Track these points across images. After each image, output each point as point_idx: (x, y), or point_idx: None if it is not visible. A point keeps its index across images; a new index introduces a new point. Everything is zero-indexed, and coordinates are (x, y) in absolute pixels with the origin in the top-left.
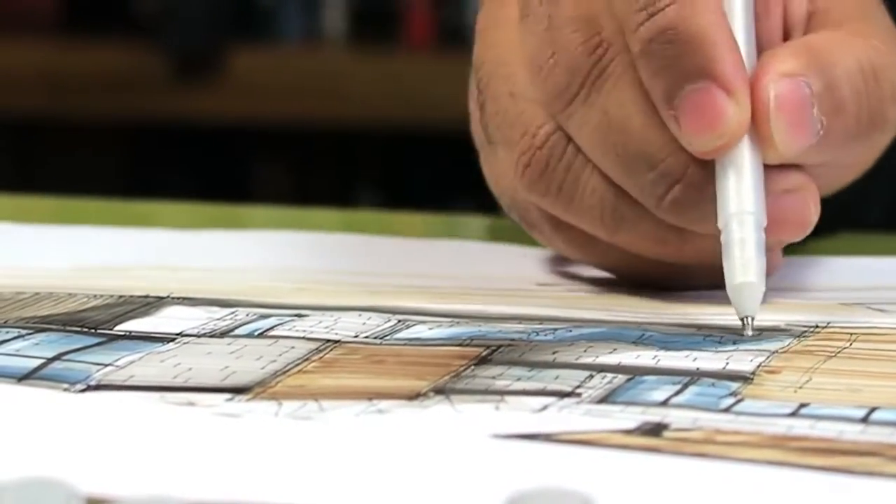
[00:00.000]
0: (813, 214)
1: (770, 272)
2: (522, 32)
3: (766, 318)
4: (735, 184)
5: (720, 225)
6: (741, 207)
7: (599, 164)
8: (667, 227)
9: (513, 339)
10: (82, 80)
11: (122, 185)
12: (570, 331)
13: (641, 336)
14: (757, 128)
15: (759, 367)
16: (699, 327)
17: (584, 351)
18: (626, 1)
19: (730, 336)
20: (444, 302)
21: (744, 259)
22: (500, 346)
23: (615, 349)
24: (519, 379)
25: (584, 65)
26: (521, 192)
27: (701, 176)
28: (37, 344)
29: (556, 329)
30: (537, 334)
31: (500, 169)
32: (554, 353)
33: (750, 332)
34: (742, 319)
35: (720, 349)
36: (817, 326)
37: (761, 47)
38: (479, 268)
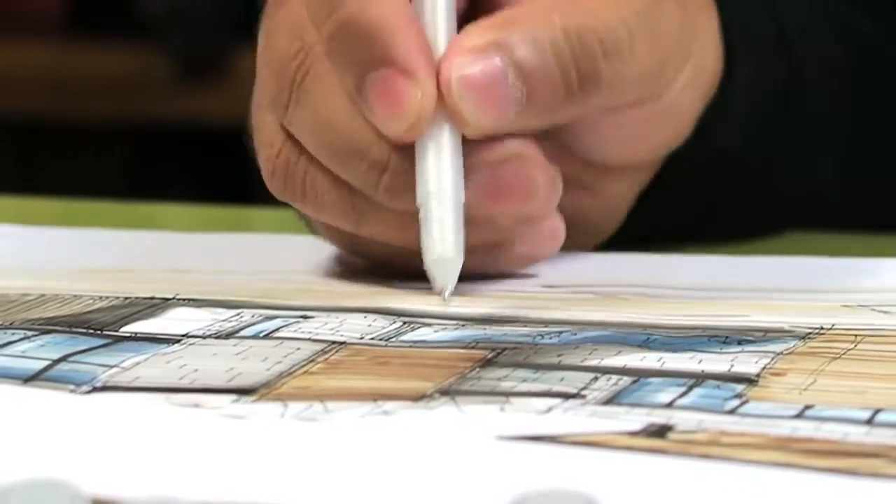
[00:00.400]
0: (537, 178)
1: (549, 250)
2: (260, 44)
3: (770, 319)
4: (431, 163)
5: (418, 203)
6: (437, 186)
7: (324, 163)
8: (402, 213)
9: (518, 343)
10: (87, 82)
11: (126, 186)
12: (575, 334)
13: (646, 340)
14: (449, 107)
15: (763, 368)
16: (704, 328)
17: (589, 354)
18: (313, 2)
19: (735, 337)
20: (448, 304)
21: (441, 235)
22: (505, 349)
23: (620, 352)
24: (524, 380)
25: (290, 69)
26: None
27: (404, 160)
28: (42, 345)
29: (560, 332)
30: (542, 337)
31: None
32: (559, 355)
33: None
34: (440, 293)
35: (725, 350)
36: (822, 328)
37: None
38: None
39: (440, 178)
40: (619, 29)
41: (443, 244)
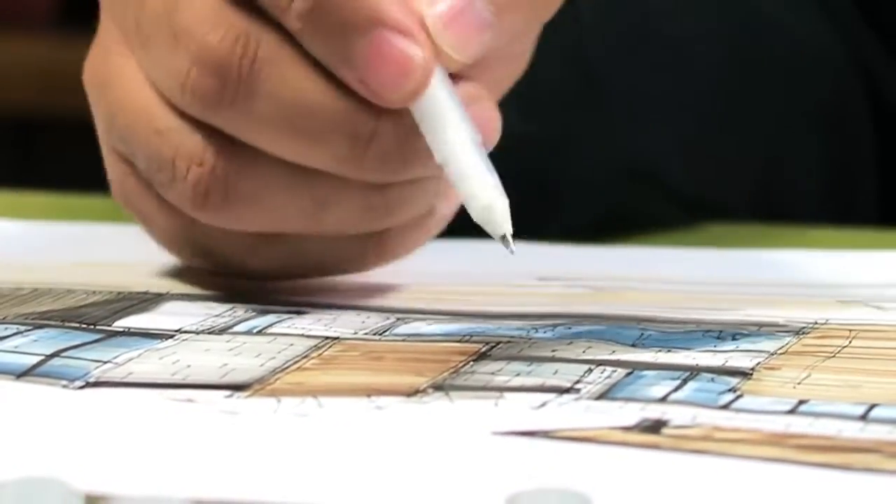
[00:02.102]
0: (498, 120)
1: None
2: (145, 64)
3: (764, 312)
4: (442, 114)
5: (440, 160)
6: (457, 136)
7: (282, 153)
8: (371, 191)
9: (512, 337)
10: (80, 77)
11: None
12: (570, 328)
13: (640, 336)
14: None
15: (758, 364)
16: (698, 323)
17: (583, 351)
18: None
19: (728, 332)
20: (443, 299)
21: (482, 181)
22: (499, 343)
23: (614, 351)
24: (518, 374)
25: (231, 60)
26: (200, 226)
27: (395, 123)
28: (35, 340)
29: (555, 326)
30: (536, 331)
31: (157, 215)
32: (553, 350)
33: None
34: (501, 238)
35: (719, 347)
36: (816, 323)
37: None
38: (477, 263)
39: (458, 126)
40: None
41: (487, 190)
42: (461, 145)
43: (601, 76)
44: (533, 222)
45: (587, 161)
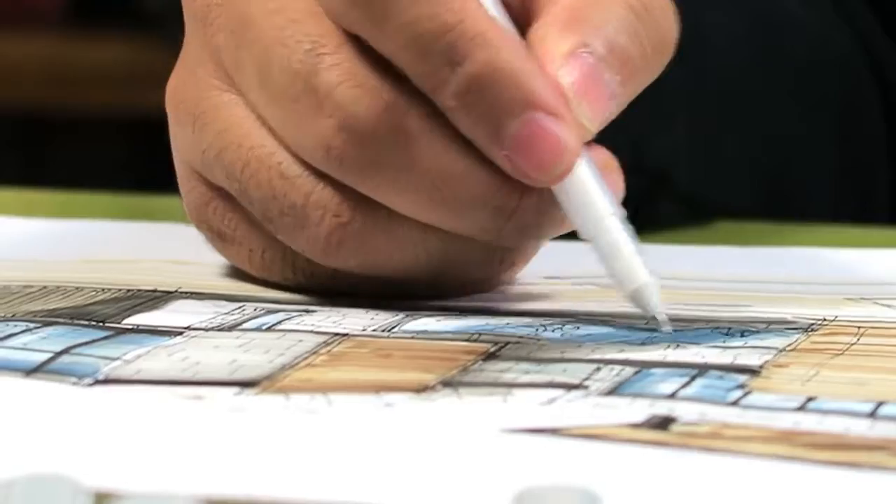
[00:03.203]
0: (623, 186)
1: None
2: (272, 116)
3: (772, 309)
4: (589, 190)
5: (585, 236)
6: (606, 209)
7: (422, 219)
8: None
9: (521, 336)
10: (89, 74)
11: (128, 178)
12: (578, 328)
13: (649, 337)
14: None
15: (767, 361)
16: (707, 320)
17: (592, 351)
18: (419, 60)
19: (737, 329)
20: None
21: (632, 259)
22: (507, 343)
23: (623, 350)
24: (527, 372)
25: (379, 131)
26: (325, 269)
27: (537, 198)
28: (45, 338)
29: (563, 325)
30: (545, 329)
31: (250, 241)
32: (562, 352)
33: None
34: (654, 318)
35: (728, 343)
36: (825, 320)
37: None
38: None
39: (602, 202)
40: None
41: (639, 271)
42: (607, 222)
43: None
44: None
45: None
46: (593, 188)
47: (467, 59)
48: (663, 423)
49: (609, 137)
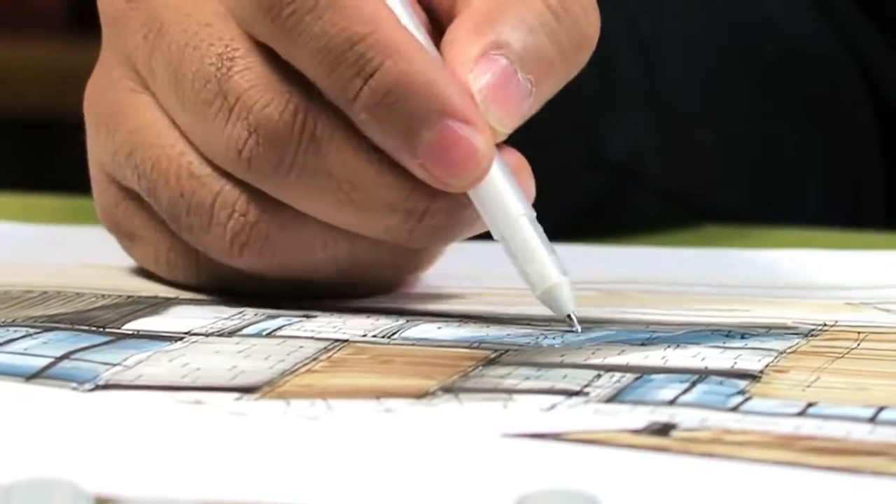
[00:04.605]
0: (534, 188)
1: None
2: (182, 119)
3: (772, 314)
4: (500, 192)
5: (497, 237)
6: (518, 209)
7: (331, 221)
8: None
9: (521, 344)
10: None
11: None
12: (578, 334)
13: (649, 338)
14: None
15: (767, 366)
16: (707, 325)
17: (592, 353)
18: (330, 73)
19: (737, 331)
20: (450, 301)
21: (544, 259)
22: (507, 350)
23: (623, 350)
24: (527, 378)
25: (290, 135)
26: (227, 269)
27: (448, 201)
28: (45, 343)
29: (564, 332)
30: (545, 337)
31: (155, 242)
32: (562, 356)
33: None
34: (566, 318)
35: (728, 344)
36: (825, 325)
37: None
38: (484, 265)
39: (515, 203)
40: None
41: (550, 270)
42: (519, 222)
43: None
44: None
45: (561, 152)
46: (505, 189)
47: (378, 69)
48: (664, 429)
49: (561, 133)
